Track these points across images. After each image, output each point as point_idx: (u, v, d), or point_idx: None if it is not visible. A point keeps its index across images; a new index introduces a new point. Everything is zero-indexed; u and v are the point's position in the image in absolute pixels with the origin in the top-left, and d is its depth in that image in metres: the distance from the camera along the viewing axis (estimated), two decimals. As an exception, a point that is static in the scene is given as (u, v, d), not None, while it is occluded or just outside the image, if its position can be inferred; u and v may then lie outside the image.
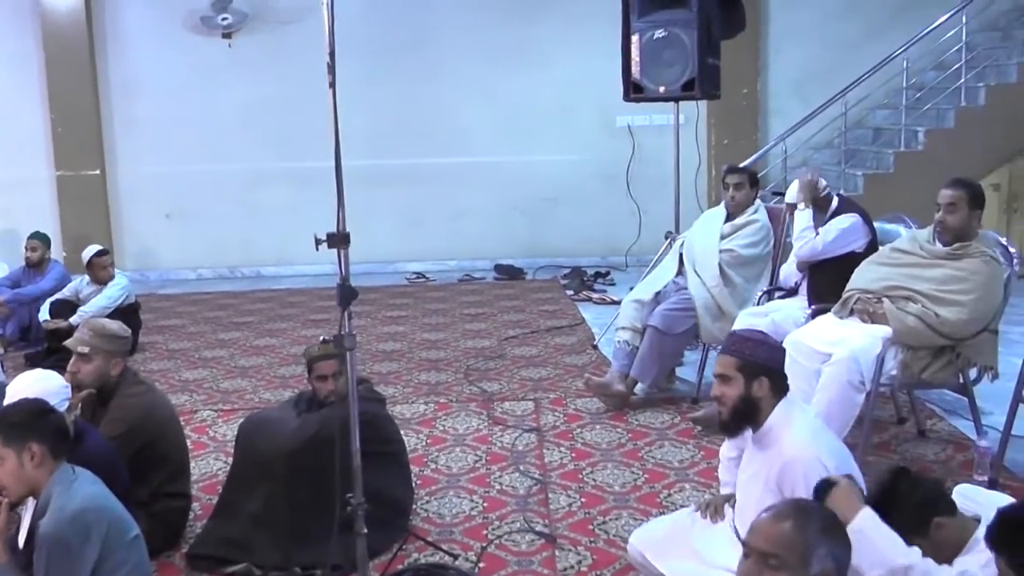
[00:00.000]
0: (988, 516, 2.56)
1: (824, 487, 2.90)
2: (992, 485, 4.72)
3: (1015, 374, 4.95)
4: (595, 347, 7.82)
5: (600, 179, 11.49)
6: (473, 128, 11.50)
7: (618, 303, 7.60)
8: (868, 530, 2.73)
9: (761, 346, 3.52)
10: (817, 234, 5.86)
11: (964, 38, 10.09)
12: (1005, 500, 2.85)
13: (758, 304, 6.22)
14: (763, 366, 3.47)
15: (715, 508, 3.81)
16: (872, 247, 5.73)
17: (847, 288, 5.33)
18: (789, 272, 6.18)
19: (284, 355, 7.99)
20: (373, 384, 5.13)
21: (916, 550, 2.62)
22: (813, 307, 5.68)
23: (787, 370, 3.55)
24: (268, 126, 11.37)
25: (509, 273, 11.20)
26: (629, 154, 11.40)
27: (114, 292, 8.01)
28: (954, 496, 2.79)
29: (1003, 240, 5.26)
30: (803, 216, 5.97)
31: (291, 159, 11.25)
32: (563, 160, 11.53)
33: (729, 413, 3.51)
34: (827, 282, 5.71)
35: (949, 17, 10.00)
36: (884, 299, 5.08)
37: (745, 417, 3.49)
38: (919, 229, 5.54)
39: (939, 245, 5.13)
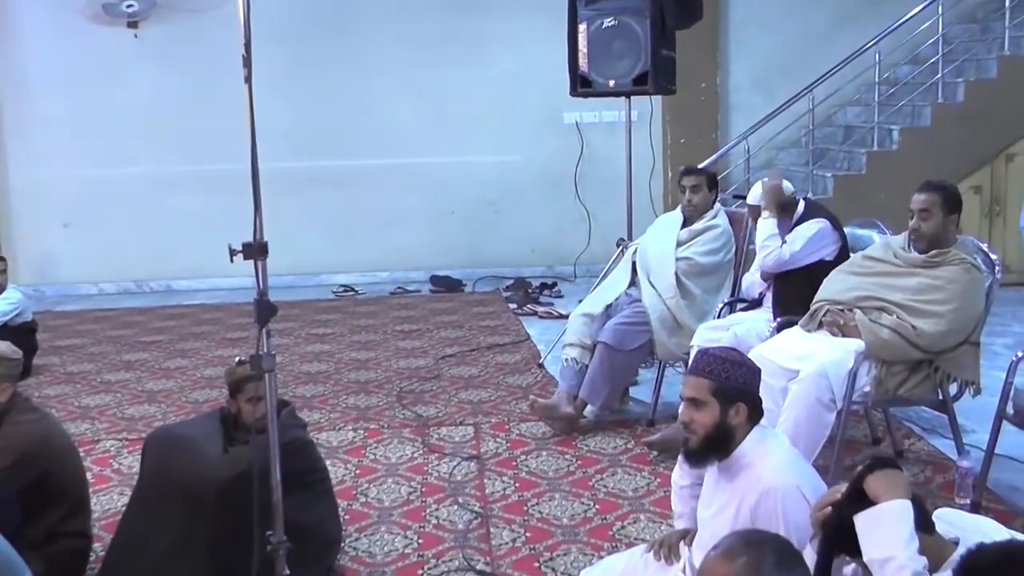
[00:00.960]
0: (969, 540, 2.55)
1: (875, 465, 2.75)
2: (975, 508, 4.78)
3: (998, 389, 4.99)
4: (541, 366, 7.83)
5: (545, 181, 11.54)
6: (406, 126, 11.49)
7: (566, 317, 7.59)
8: (893, 517, 2.61)
9: (739, 368, 3.47)
10: (784, 242, 5.89)
11: (940, 30, 10.24)
12: (989, 524, 2.85)
13: (719, 317, 6.25)
14: (740, 390, 3.43)
15: (668, 548, 3.79)
16: (843, 255, 5.79)
17: (816, 299, 5.38)
18: (752, 282, 6.23)
19: (197, 378, 7.93)
20: (295, 408, 5.10)
21: (922, 559, 2.58)
22: (779, 320, 5.70)
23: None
24: (178, 125, 11.28)
25: (446, 285, 11.20)
26: (577, 154, 11.46)
27: (2, 306, 7.94)
28: (934, 520, 2.79)
29: (983, 246, 5.31)
30: (767, 223, 5.99)
31: (204, 161, 11.18)
32: (505, 161, 11.57)
33: (700, 442, 3.45)
34: (794, 293, 5.77)
35: (924, 8, 10.14)
36: (856, 310, 5.14)
37: (717, 446, 3.44)
38: (893, 235, 5.61)
39: (914, 252, 5.19)
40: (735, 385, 3.42)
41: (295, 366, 8.09)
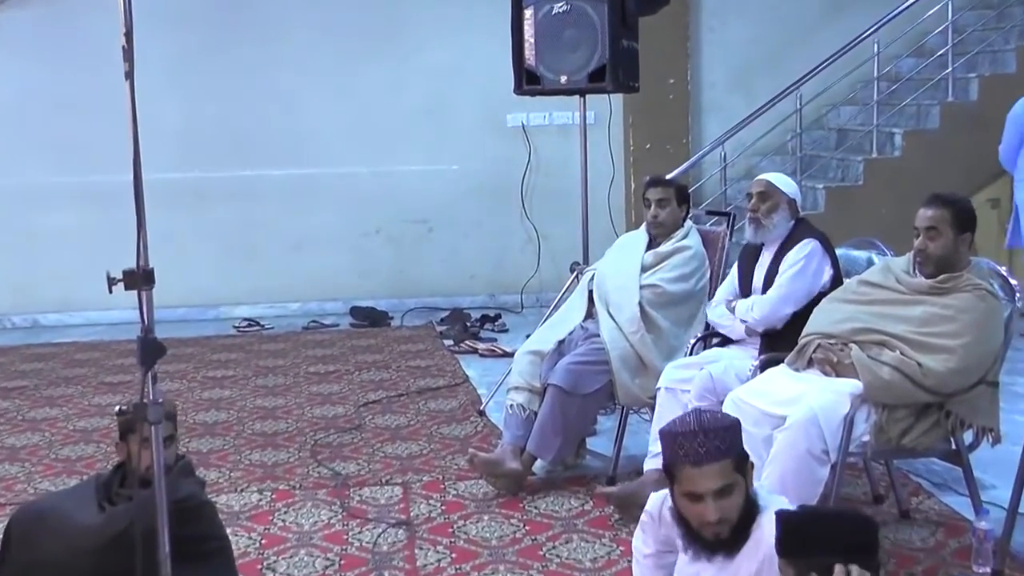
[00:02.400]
0: None
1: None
2: (996, 578, 4.83)
3: (1021, 436, 5.03)
4: (482, 413, 7.84)
5: (487, 195, 11.59)
6: (322, 130, 11.50)
7: (511, 356, 7.63)
8: None
9: (738, 428, 3.56)
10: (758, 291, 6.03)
11: (950, 17, 10.34)
12: None
13: (691, 354, 6.27)
14: (746, 452, 3.52)
15: None
16: (836, 281, 5.83)
17: (804, 332, 5.40)
18: (719, 318, 6.27)
19: (69, 431, 7.83)
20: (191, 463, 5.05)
21: None
22: (762, 357, 5.72)
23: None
24: (45, 128, 11.17)
25: (369, 318, 11.21)
26: (524, 163, 11.52)
27: None
28: None
29: (1002, 270, 5.31)
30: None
31: (77, 172, 11.10)
32: (439, 171, 11.60)
33: (732, 528, 3.49)
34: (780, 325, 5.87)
35: (930, -9, 10.30)
36: (851, 346, 5.15)
37: (747, 522, 3.49)
38: (895, 257, 5.63)
39: (920, 277, 5.21)
40: (743, 450, 3.51)
41: (189, 416, 8.01)
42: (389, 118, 11.52)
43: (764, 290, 5.99)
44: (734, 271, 6.31)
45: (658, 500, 3.86)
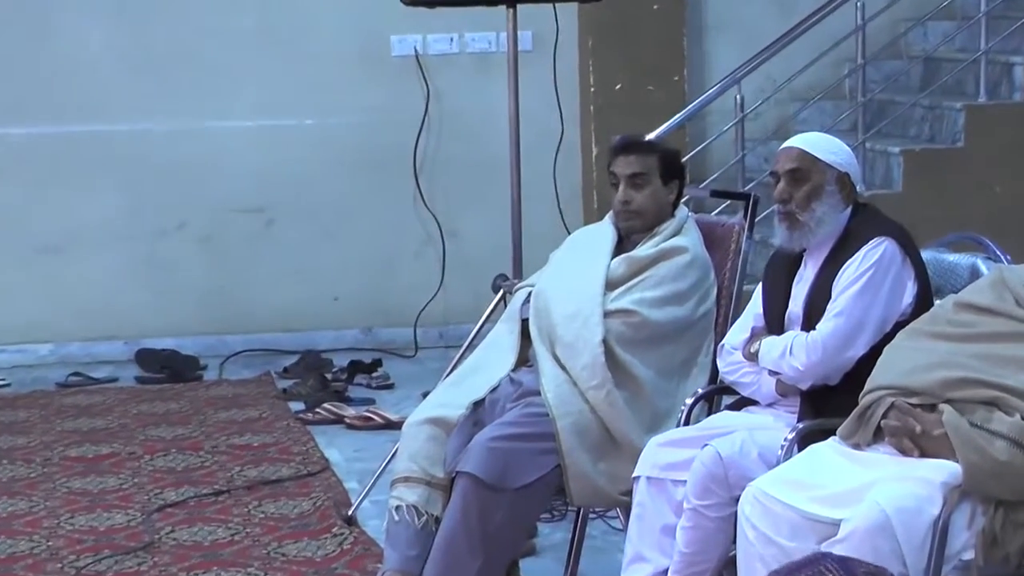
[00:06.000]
0: None
1: None
2: None
3: None
4: (350, 521, 7.85)
5: (360, 168, 11.69)
6: (89, 67, 11.52)
7: (398, 427, 7.53)
8: None
9: None
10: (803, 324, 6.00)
11: None
12: None
13: (687, 422, 6.26)
14: None
15: None
16: (922, 302, 5.83)
17: (869, 385, 5.39)
18: (733, 367, 6.26)
19: None
20: None
21: None
22: (800, 426, 5.73)
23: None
24: None
25: (168, 368, 11.22)
26: (419, 116, 11.58)
27: None
28: None
29: None
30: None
31: None
32: (282, 130, 11.72)
33: None
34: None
35: None
36: (945, 406, 5.13)
37: None
38: (1016, 265, 5.65)
39: None
40: None
41: None
42: (201, 47, 11.53)
43: (807, 321, 5.97)
44: (758, 292, 6.33)
45: None
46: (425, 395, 7.15)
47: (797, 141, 6.11)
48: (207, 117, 11.53)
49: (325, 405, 10.06)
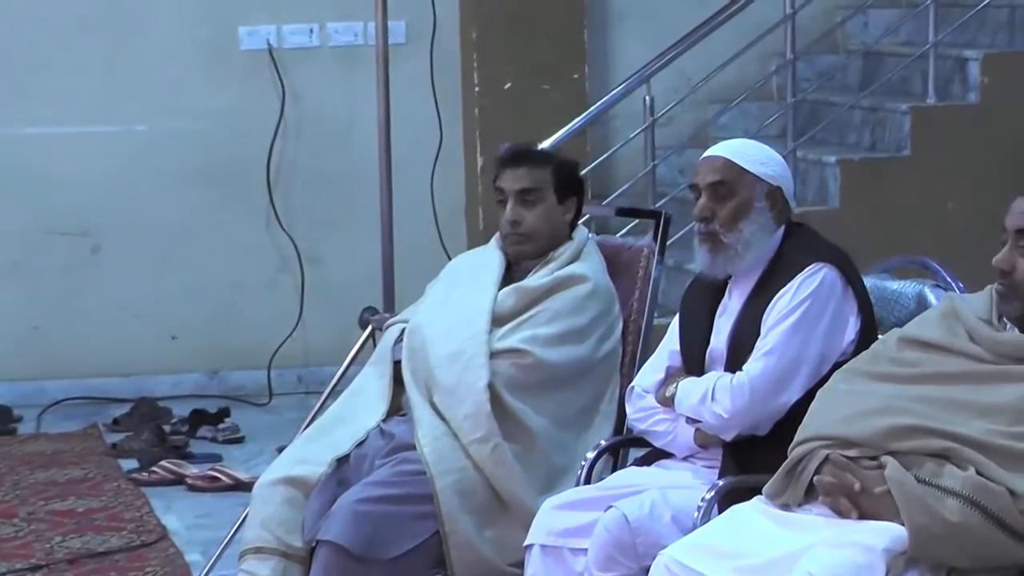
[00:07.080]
0: None
1: None
2: None
3: None
4: (192, 601, 7.67)
5: (203, 182, 11.78)
6: None
7: (249, 488, 7.53)
8: None
9: None
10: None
11: None
12: None
13: (587, 480, 6.21)
14: None
15: None
16: (867, 338, 5.79)
17: (800, 435, 5.34)
18: (643, 415, 6.21)
19: None
20: None
21: None
22: (721, 483, 5.70)
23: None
24: None
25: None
26: (273, 120, 11.67)
27: None
28: None
29: None
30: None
31: None
32: (110, 137, 11.82)
33: None
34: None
35: None
36: (888, 459, 5.11)
37: None
38: (968, 294, 5.65)
39: (1013, 331, 5.22)
40: None
41: None
42: (12, 39, 11.64)
43: (732, 360, 5.97)
44: (674, 326, 6.30)
45: None
46: (280, 450, 7.16)
47: (721, 149, 6.10)
48: (18, 122, 11.56)
49: (163, 463, 10.06)
